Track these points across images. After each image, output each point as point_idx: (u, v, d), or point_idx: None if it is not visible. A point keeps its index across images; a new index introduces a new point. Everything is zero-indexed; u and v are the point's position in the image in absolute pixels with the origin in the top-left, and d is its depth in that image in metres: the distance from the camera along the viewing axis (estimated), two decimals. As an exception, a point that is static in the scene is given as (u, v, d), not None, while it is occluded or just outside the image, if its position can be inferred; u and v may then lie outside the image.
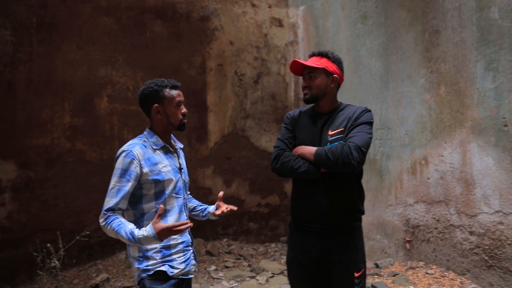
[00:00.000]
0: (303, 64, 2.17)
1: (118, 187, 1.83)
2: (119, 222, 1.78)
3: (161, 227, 1.71)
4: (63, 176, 4.37)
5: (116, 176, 1.86)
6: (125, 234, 1.75)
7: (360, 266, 2.11)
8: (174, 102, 1.99)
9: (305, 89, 2.16)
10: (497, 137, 3.19)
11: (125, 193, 1.83)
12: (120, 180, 1.84)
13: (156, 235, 1.71)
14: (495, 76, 3.20)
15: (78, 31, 4.50)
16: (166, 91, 1.99)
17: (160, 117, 1.99)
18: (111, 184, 1.86)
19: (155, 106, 1.97)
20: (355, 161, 1.93)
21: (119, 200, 1.82)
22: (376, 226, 4.50)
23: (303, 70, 2.19)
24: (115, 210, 1.83)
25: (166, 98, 1.98)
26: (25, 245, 4.10)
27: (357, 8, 4.65)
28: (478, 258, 3.39)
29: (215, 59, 5.28)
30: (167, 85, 2.00)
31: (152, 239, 1.72)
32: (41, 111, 4.29)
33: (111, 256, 4.50)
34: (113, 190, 1.84)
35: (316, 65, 2.13)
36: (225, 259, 4.64)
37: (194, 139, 5.13)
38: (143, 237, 1.72)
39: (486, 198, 3.30)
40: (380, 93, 4.37)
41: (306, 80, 2.16)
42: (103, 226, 1.82)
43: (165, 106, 1.98)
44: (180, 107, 2.02)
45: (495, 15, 3.18)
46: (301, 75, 2.24)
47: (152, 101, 1.98)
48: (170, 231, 1.73)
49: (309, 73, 2.15)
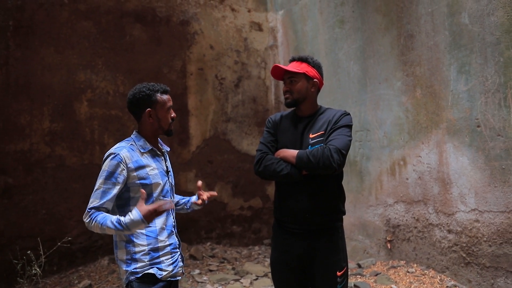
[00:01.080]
0: (284, 69, 2.21)
1: (103, 189, 1.85)
2: (103, 215, 1.79)
3: (146, 209, 1.74)
4: (43, 181, 4.30)
5: (102, 178, 1.87)
6: (112, 224, 1.76)
7: (342, 265, 2.16)
8: (166, 107, 2.02)
9: (286, 93, 2.21)
10: (471, 138, 3.30)
11: (110, 195, 1.85)
12: (106, 182, 1.85)
13: (143, 218, 1.73)
14: (467, 79, 3.32)
15: (57, 34, 4.44)
16: (158, 96, 2.01)
17: (151, 121, 2.01)
18: (96, 185, 1.87)
19: (148, 111, 1.99)
20: (336, 163, 1.98)
21: (103, 201, 1.83)
22: (357, 227, 4.58)
23: (284, 75, 2.24)
24: (99, 208, 1.83)
25: (159, 103, 2.00)
26: (4, 253, 4.01)
27: (335, 13, 4.74)
28: (456, 256, 3.50)
29: (195, 63, 5.29)
30: (158, 89, 2.03)
31: (140, 222, 1.74)
32: (19, 116, 4.22)
33: (93, 262, 4.44)
34: (98, 192, 1.85)
35: (297, 70, 2.19)
36: (209, 263, 4.64)
37: (175, 143, 5.12)
38: (131, 221, 1.74)
39: (463, 197, 3.41)
40: (358, 95, 4.46)
41: (287, 85, 2.22)
42: (87, 223, 1.82)
43: (157, 110, 2.00)
44: (170, 111, 2.05)
45: (465, 20, 3.31)
46: (282, 80, 2.28)
47: (145, 105, 1.99)
48: (156, 212, 1.76)
49: (290, 78, 2.20)
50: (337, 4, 4.69)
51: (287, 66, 2.23)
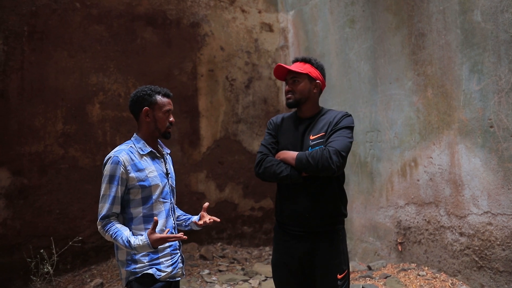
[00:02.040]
0: (287, 69, 2.21)
1: (108, 193, 1.91)
2: (115, 229, 1.88)
3: (155, 237, 1.82)
4: (57, 182, 4.40)
5: (105, 183, 1.93)
6: (122, 242, 1.85)
7: (343, 268, 2.14)
8: (164, 109, 2.06)
9: (288, 93, 2.21)
10: (484, 138, 3.22)
11: (115, 199, 1.91)
12: (109, 186, 1.91)
13: (150, 244, 1.83)
14: (480, 78, 3.23)
15: (69, 39, 4.54)
16: (158, 97, 2.06)
17: (148, 120, 2.05)
18: (101, 191, 1.94)
19: (145, 109, 2.04)
20: (335, 165, 1.97)
21: (110, 206, 1.90)
22: (368, 228, 4.52)
23: (287, 75, 2.24)
24: (109, 216, 1.91)
25: (157, 103, 2.05)
26: (20, 252, 4.12)
27: (345, 12, 4.69)
28: (468, 259, 3.41)
29: (206, 64, 5.32)
30: (160, 91, 2.08)
31: (147, 248, 1.84)
32: (33, 118, 4.33)
33: (105, 261, 4.52)
34: (104, 197, 1.92)
35: (300, 70, 2.18)
36: (219, 263, 4.66)
37: (186, 144, 5.17)
38: (139, 246, 1.83)
39: (475, 199, 3.33)
40: (369, 96, 4.40)
41: (289, 85, 2.21)
42: (101, 232, 1.92)
43: (155, 110, 2.04)
44: (168, 115, 2.08)
45: (478, 18, 3.22)
46: (284, 80, 2.28)
47: (143, 103, 2.05)
48: (165, 241, 1.84)
49: (293, 78, 2.20)
50: (348, 4, 4.64)
51: (290, 66, 2.23)
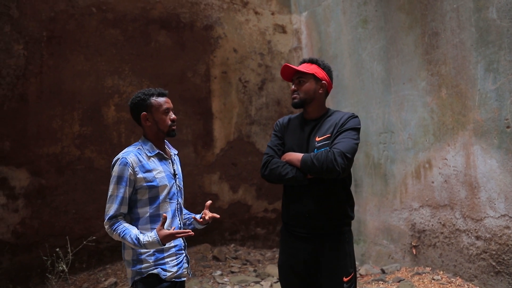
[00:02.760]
0: (294, 69, 2.21)
1: (116, 194, 1.94)
2: (123, 228, 1.91)
3: (164, 233, 1.86)
4: (73, 183, 4.51)
5: (113, 184, 1.96)
6: (131, 240, 1.87)
7: (349, 271, 2.12)
8: (162, 109, 2.07)
9: (294, 93, 2.21)
10: (500, 139, 3.13)
11: (123, 199, 1.94)
12: (117, 187, 1.95)
13: (159, 241, 1.85)
14: (495, 77, 3.15)
15: (86, 43, 4.65)
16: (153, 99, 2.08)
17: (149, 124, 2.07)
18: (109, 192, 1.97)
19: (143, 114, 2.06)
20: (340, 167, 1.95)
21: (118, 206, 1.94)
22: (382, 231, 4.45)
23: (293, 76, 2.24)
24: (117, 216, 1.95)
25: (153, 106, 2.07)
26: (38, 250, 4.24)
27: (358, 13, 4.65)
28: (485, 264, 3.32)
29: (219, 66, 5.36)
30: (153, 93, 2.10)
31: (157, 244, 1.87)
32: (51, 120, 4.45)
33: (120, 261, 4.60)
34: (111, 197, 1.95)
35: (306, 70, 2.17)
36: (231, 264, 4.68)
37: (200, 146, 5.21)
38: (148, 243, 1.86)
39: (492, 202, 3.24)
40: (382, 96, 4.35)
41: (295, 85, 2.21)
42: (109, 232, 1.95)
43: (153, 113, 2.06)
44: (168, 113, 2.09)
45: (493, 16, 3.14)
46: (291, 81, 2.28)
47: (140, 109, 2.07)
48: (173, 237, 1.87)
49: (299, 78, 2.20)
50: (360, 4, 4.60)
51: (297, 66, 2.23)
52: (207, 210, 2.16)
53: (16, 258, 4.20)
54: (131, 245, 1.89)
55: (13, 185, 4.25)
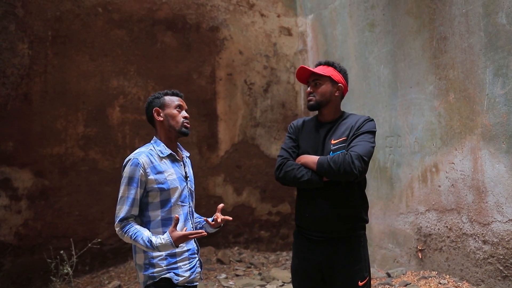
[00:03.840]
0: (309, 72, 2.20)
1: (127, 195, 1.91)
2: (134, 230, 1.87)
3: (177, 235, 1.82)
4: (77, 184, 4.47)
5: (124, 185, 1.93)
6: (143, 242, 1.83)
7: (364, 275, 2.10)
8: (174, 105, 2.08)
9: (310, 95, 2.19)
10: (509, 144, 3.14)
11: (134, 201, 1.91)
12: (128, 188, 1.91)
13: (173, 242, 1.82)
14: (504, 82, 3.16)
15: (91, 43, 4.63)
16: (167, 97, 2.10)
17: (160, 119, 2.06)
18: (120, 193, 1.93)
19: (155, 109, 2.06)
20: (357, 170, 1.94)
21: (129, 208, 1.90)
22: (387, 235, 4.45)
23: (309, 78, 2.23)
24: (128, 218, 1.91)
25: (166, 102, 2.08)
26: (41, 252, 4.20)
27: (365, 16, 4.66)
28: (492, 268, 3.32)
29: (224, 68, 5.35)
30: (167, 92, 2.13)
31: (170, 246, 1.83)
32: (55, 121, 4.42)
33: (123, 264, 4.56)
34: (122, 199, 1.92)
35: (323, 72, 2.16)
36: (236, 267, 4.65)
37: (204, 148, 5.19)
38: (161, 245, 1.82)
39: (499, 206, 3.24)
40: (389, 100, 4.35)
41: (311, 87, 2.20)
42: (120, 234, 1.91)
43: (165, 109, 2.07)
44: (181, 110, 2.09)
45: (502, 21, 3.15)
46: (306, 83, 2.26)
47: (154, 106, 2.08)
48: (186, 238, 1.83)
49: (315, 80, 2.19)
50: (367, 8, 4.61)
51: (313, 68, 2.22)
52: (219, 213, 2.12)
53: (18, 260, 4.16)
54: (143, 247, 1.85)
55: (16, 186, 4.20)
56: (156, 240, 1.82)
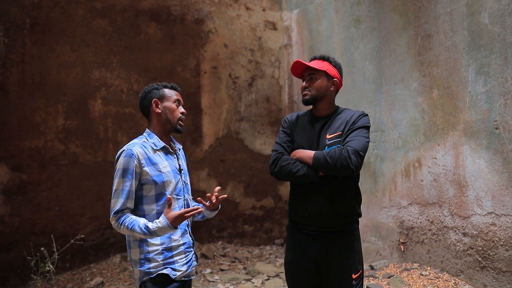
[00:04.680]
0: (304, 66, 2.19)
1: (122, 187, 1.87)
2: (130, 219, 1.84)
3: (173, 215, 1.79)
4: (57, 178, 4.33)
5: (118, 177, 1.89)
6: (140, 230, 1.80)
7: (358, 268, 2.13)
8: (173, 99, 2.06)
9: (305, 89, 2.18)
10: (489, 140, 3.24)
11: (129, 193, 1.87)
12: (123, 180, 1.87)
13: (170, 224, 1.78)
14: (486, 80, 3.25)
15: (72, 32, 4.47)
16: (166, 90, 2.07)
17: (158, 112, 2.03)
18: (114, 186, 1.89)
19: (154, 100, 2.03)
20: (354, 165, 1.96)
21: (124, 200, 1.86)
22: (370, 228, 4.53)
23: (304, 72, 2.21)
24: (123, 210, 1.87)
25: (166, 95, 2.06)
26: (18, 249, 4.05)
27: (351, 12, 4.70)
28: (471, 259, 3.44)
29: (209, 61, 5.29)
30: (167, 85, 2.10)
31: (167, 228, 1.80)
32: (34, 113, 4.26)
33: (105, 260, 4.47)
34: (117, 191, 1.88)
35: (318, 67, 2.16)
36: (220, 262, 4.64)
37: (188, 142, 5.13)
38: (158, 229, 1.79)
39: (479, 200, 3.35)
40: (373, 96, 4.41)
41: (306, 81, 2.18)
42: (116, 227, 1.87)
43: (164, 102, 2.04)
44: (179, 106, 2.07)
45: (485, 20, 3.24)
46: (301, 77, 2.25)
47: (152, 97, 2.04)
48: (182, 217, 1.80)
49: (310, 75, 2.17)
50: (353, 4, 4.65)
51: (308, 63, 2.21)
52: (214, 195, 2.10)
53: (-7, 258, 4.01)
54: (141, 235, 1.81)
55: (-9, 180, 4.04)
56: (153, 225, 1.79)
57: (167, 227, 1.79)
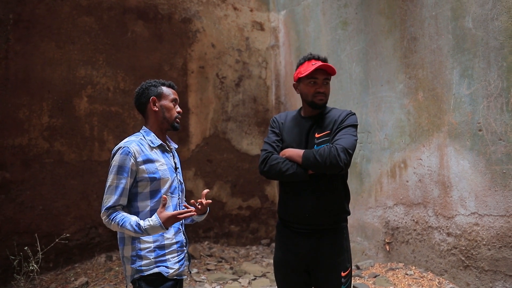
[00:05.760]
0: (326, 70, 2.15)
1: (116, 184, 1.86)
2: (122, 216, 1.83)
3: (166, 216, 1.78)
4: (41, 177, 4.25)
5: (113, 173, 1.87)
6: (131, 227, 1.80)
7: (346, 266, 2.16)
8: (170, 98, 2.05)
9: (321, 94, 2.16)
10: (473, 141, 3.31)
11: (123, 190, 1.86)
12: (117, 177, 1.86)
13: (162, 224, 1.78)
14: (470, 82, 3.33)
15: (57, 29, 4.40)
16: (164, 88, 2.06)
17: (156, 110, 2.02)
18: (108, 182, 1.88)
19: (152, 98, 2.01)
20: (343, 163, 1.98)
21: (117, 197, 1.85)
22: (356, 228, 4.58)
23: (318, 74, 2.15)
24: (115, 207, 1.86)
25: (164, 93, 2.04)
26: (1, 249, 3.96)
27: (338, 14, 4.75)
28: (455, 259, 3.50)
29: (196, 61, 5.27)
30: (164, 83, 2.08)
31: (159, 228, 1.79)
32: (17, 110, 4.17)
33: (90, 260, 4.40)
34: (111, 188, 1.86)
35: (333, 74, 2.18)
36: (207, 262, 4.62)
37: (175, 141, 5.08)
38: (150, 227, 1.79)
39: (463, 200, 3.42)
40: (360, 97, 4.47)
41: (323, 86, 2.17)
42: (106, 223, 1.86)
43: (161, 100, 2.03)
44: (176, 104, 2.07)
45: (469, 24, 3.32)
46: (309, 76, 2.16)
47: (150, 94, 2.03)
48: (175, 218, 1.80)
49: (326, 79, 2.18)
50: (340, 6, 4.70)
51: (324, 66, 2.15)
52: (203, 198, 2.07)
53: (-26, 258, 3.90)
54: (132, 233, 1.81)
55: (-28, 178, 3.94)
56: (145, 223, 1.79)
57: (159, 226, 1.79)
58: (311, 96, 2.16)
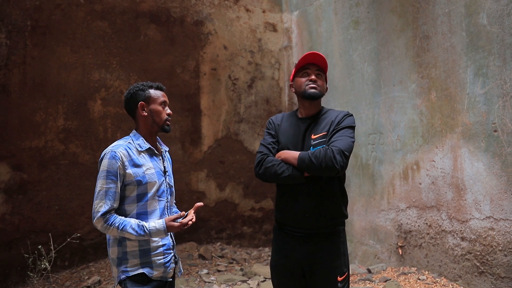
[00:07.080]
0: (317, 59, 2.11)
1: (106, 189, 1.87)
2: (120, 220, 1.86)
3: (172, 225, 1.89)
4: (56, 178, 4.38)
5: (101, 179, 1.89)
6: (132, 230, 1.84)
7: (343, 270, 2.11)
8: (159, 101, 2.04)
9: (313, 83, 2.10)
10: (487, 143, 3.19)
11: (114, 194, 1.88)
12: (107, 182, 1.87)
13: (166, 229, 1.89)
14: (484, 81, 3.20)
15: (72, 34, 4.53)
16: (152, 91, 2.05)
17: (144, 115, 2.02)
18: (97, 187, 1.89)
19: (140, 103, 2.01)
20: (339, 165, 1.94)
21: (111, 202, 1.87)
22: (368, 231, 4.49)
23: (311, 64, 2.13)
24: (110, 211, 1.88)
25: (151, 97, 2.03)
26: (18, 247, 4.11)
27: (350, 14, 4.67)
28: (469, 264, 3.38)
29: (208, 63, 5.30)
30: (152, 86, 2.07)
31: (162, 232, 1.89)
32: (34, 113, 4.32)
33: (103, 259, 4.50)
34: (101, 193, 1.87)
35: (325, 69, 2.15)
36: (218, 263, 4.64)
37: (187, 143, 5.15)
38: (155, 229, 1.88)
39: (477, 204, 3.29)
40: (372, 98, 4.38)
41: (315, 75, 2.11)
42: (103, 228, 1.86)
43: (150, 104, 2.02)
44: (165, 107, 2.06)
45: (483, 21, 3.20)
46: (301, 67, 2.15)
47: (138, 99, 2.03)
48: (179, 228, 1.89)
49: (318, 71, 2.14)
50: (352, 5, 4.62)
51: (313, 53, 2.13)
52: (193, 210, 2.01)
53: (-6, 255, 4.06)
54: (133, 235, 1.83)
55: (-8, 179, 4.10)
56: (150, 225, 1.85)
57: (163, 231, 1.88)
58: (303, 86, 2.11)
